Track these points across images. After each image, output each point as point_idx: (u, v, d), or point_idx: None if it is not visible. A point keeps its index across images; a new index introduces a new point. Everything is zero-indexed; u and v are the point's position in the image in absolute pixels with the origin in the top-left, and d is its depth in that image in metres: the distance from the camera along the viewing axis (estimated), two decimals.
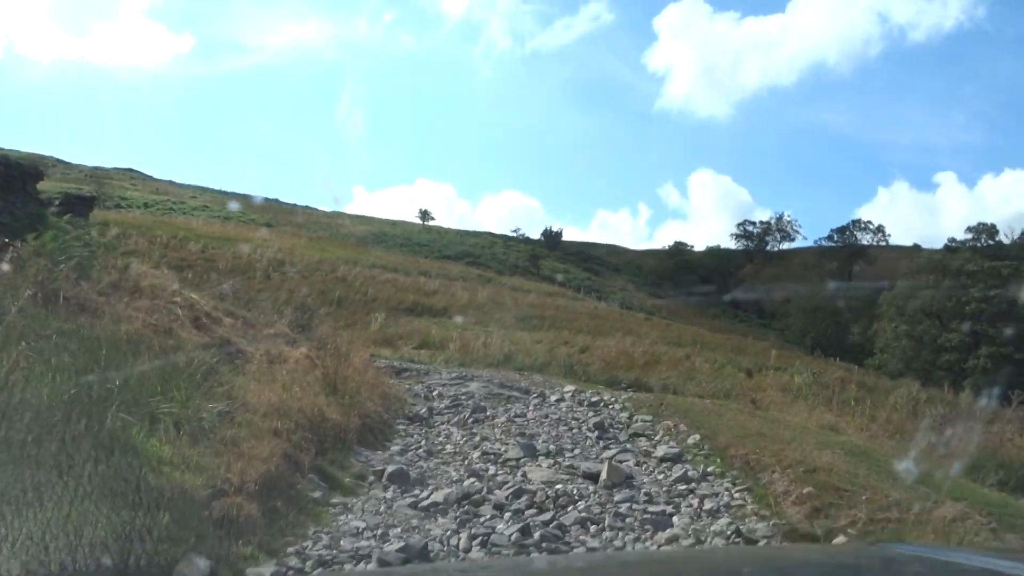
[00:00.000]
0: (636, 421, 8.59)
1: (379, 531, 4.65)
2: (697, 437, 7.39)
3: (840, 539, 4.55)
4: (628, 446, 7.41)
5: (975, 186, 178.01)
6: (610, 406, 9.55)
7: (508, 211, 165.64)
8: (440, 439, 7.48)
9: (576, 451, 7.08)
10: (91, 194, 24.39)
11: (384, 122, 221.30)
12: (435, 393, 9.90)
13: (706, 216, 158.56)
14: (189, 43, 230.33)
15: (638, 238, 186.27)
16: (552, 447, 7.13)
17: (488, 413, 8.73)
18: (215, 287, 12.13)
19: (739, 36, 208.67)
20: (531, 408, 9.28)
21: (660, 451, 6.92)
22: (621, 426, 8.45)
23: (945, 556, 1.89)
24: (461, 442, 7.34)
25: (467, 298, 31.14)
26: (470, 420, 8.29)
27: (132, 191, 59.86)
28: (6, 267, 6.21)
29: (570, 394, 10.42)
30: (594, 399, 9.89)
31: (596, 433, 7.82)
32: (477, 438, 7.46)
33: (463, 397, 9.73)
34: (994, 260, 41.97)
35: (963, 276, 40.57)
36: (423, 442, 7.23)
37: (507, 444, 7.18)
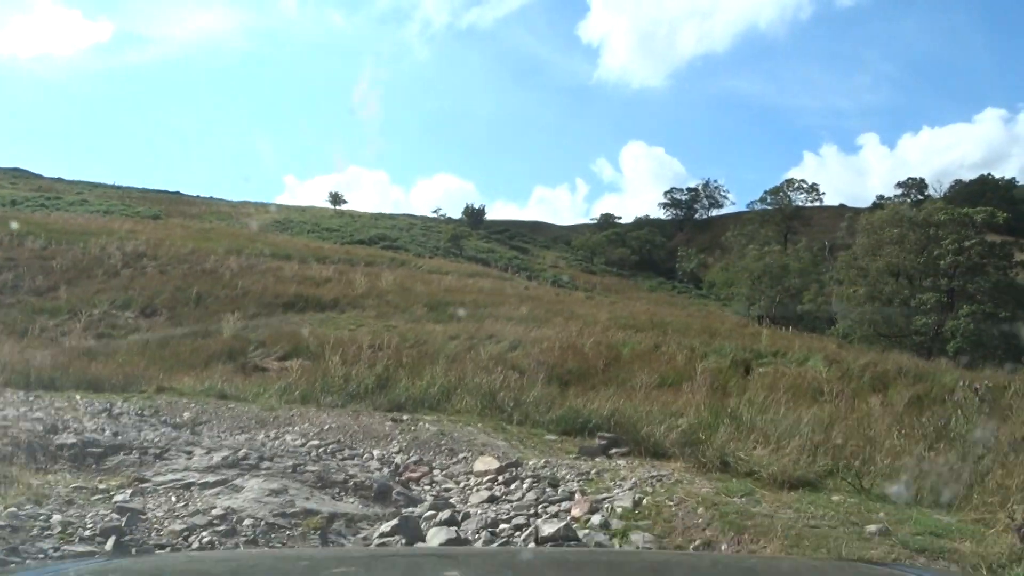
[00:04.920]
0: None
1: None
2: None
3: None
4: None
5: (895, 147, 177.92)
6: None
7: (442, 194, 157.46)
8: None
9: None
10: None
11: (316, 109, 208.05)
12: (128, 536, 3.54)
13: (640, 189, 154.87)
14: (108, 31, 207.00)
15: (576, 214, 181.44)
16: None
17: None
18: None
19: (676, 1, 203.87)
20: None
21: None
22: None
23: None
24: None
25: (366, 286, 24.81)
26: None
27: (5, 189, 51.07)
28: None
29: (487, 494, 4.23)
30: (549, 529, 3.66)
31: None
32: None
33: (196, 555, 3.43)
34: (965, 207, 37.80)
35: (932, 228, 36.14)
36: None
37: None
